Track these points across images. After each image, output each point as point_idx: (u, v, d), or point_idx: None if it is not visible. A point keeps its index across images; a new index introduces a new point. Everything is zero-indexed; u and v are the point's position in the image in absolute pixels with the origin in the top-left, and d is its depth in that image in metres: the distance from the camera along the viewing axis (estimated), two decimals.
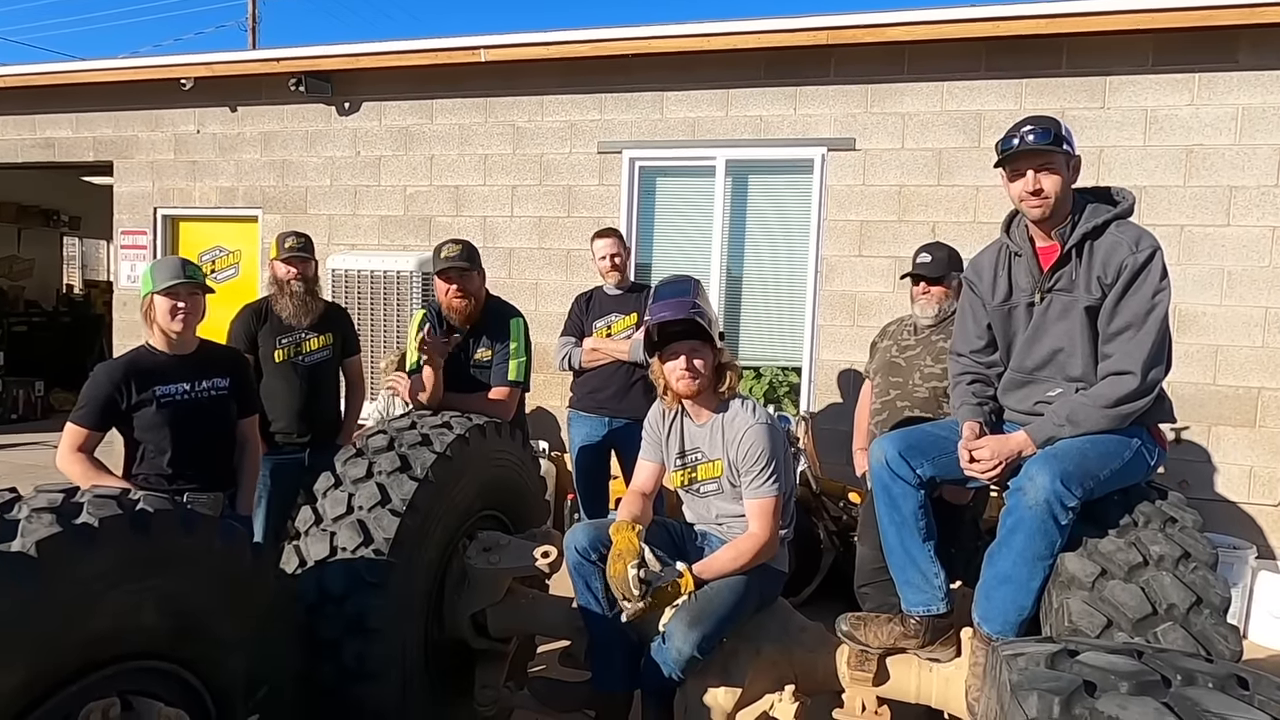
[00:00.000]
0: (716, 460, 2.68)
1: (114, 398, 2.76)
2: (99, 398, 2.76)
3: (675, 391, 2.66)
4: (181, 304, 2.81)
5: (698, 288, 2.71)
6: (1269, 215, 4.98)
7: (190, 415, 2.85)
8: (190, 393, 2.87)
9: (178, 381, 2.84)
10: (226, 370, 2.99)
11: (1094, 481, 2.14)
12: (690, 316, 2.57)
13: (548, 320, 5.56)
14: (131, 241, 7.69)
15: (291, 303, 3.68)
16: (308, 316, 3.71)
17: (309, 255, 3.73)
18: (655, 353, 2.66)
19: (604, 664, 2.70)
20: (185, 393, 2.85)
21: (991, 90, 5.41)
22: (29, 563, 1.59)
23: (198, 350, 2.94)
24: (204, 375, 2.91)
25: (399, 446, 2.73)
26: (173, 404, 2.83)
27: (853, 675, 2.57)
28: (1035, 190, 2.24)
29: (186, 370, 2.88)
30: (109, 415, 2.77)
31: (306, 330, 3.73)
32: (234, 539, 2.06)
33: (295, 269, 3.69)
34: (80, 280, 14.14)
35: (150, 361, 2.84)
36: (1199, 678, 1.22)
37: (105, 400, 2.76)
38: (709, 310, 2.67)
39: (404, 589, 2.55)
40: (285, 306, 3.69)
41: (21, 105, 7.87)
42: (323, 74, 6.75)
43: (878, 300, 5.66)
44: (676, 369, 2.60)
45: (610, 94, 6.18)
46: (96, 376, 2.79)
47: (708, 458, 2.70)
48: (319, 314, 3.75)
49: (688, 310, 2.58)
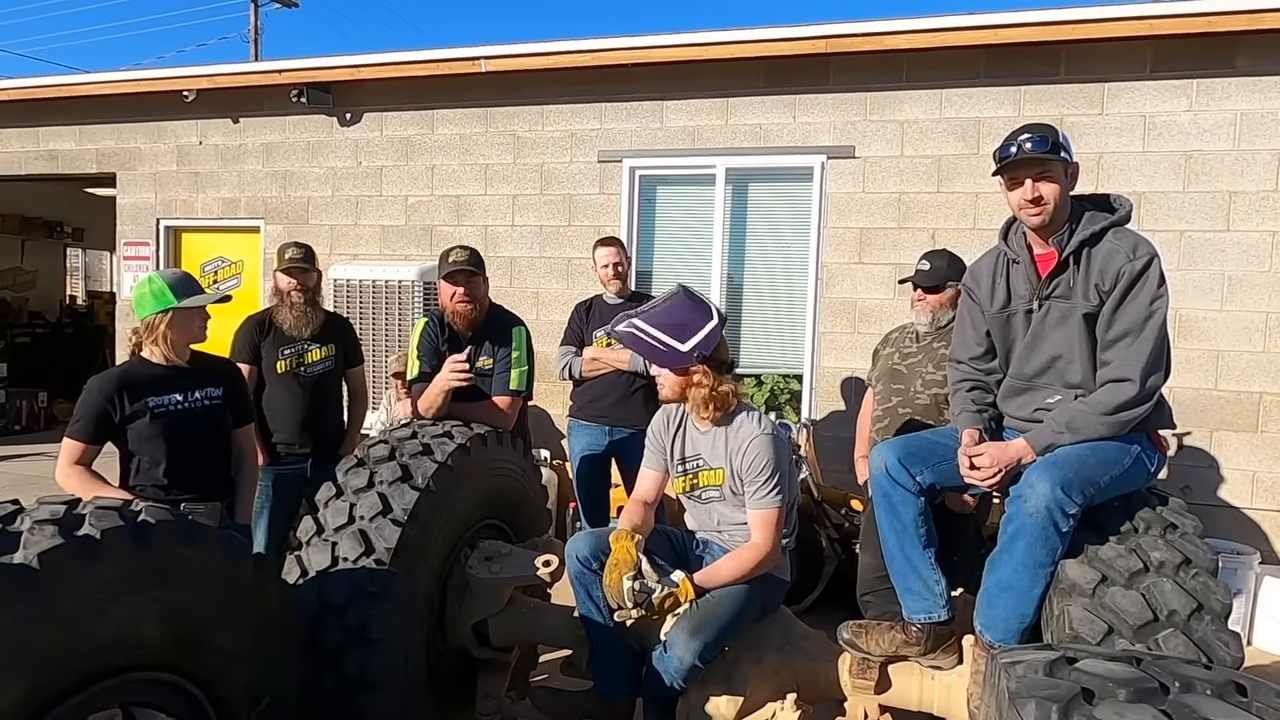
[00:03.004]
0: (718, 469, 2.68)
1: (107, 410, 2.76)
2: (93, 411, 2.75)
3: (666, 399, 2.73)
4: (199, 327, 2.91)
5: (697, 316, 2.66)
6: (1269, 220, 4.99)
7: (184, 426, 2.86)
8: (184, 403, 2.88)
9: (171, 392, 2.85)
10: (219, 380, 3.01)
11: (1094, 488, 2.14)
12: (667, 368, 2.64)
13: (549, 329, 5.57)
14: (135, 253, 7.73)
15: (292, 314, 3.70)
16: (309, 327, 3.72)
17: (310, 266, 3.74)
18: None
19: (605, 672, 2.70)
20: (179, 403, 2.86)
21: (990, 97, 5.43)
22: (31, 575, 1.60)
23: (190, 361, 2.95)
24: (197, 386, 2.92)
25: (400, 456, 2.74)
26: (166, 415, 2.83)
27: (855, 683, 2.57)
28: (1034, 198, 2.25)
29: (180, 381, 2.89)
30: (104, 428, 2.77)
31: (309, 341, 3.74)
32: (235, 549, 2.07)
33: (296, 280, 3.70)
34: (83, 291, 14.17)
35: (143, 373, 2.85)
36: (1197, 685, 1.22)
37: (99, 413, 2.75)
38: (705, 347, 2.60)
39: (406, 599, 2.56)
40: (286, 318, 3.70)
41: (25, 118, 7.92)
42: (324, 85, 6.79)
43: (878, 307, 5.67)
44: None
45: (610, 103, 6.21)
46: (90, 390, 2.78)
47: (709, 465, 2.71)
48: (320, 325, 3.76)
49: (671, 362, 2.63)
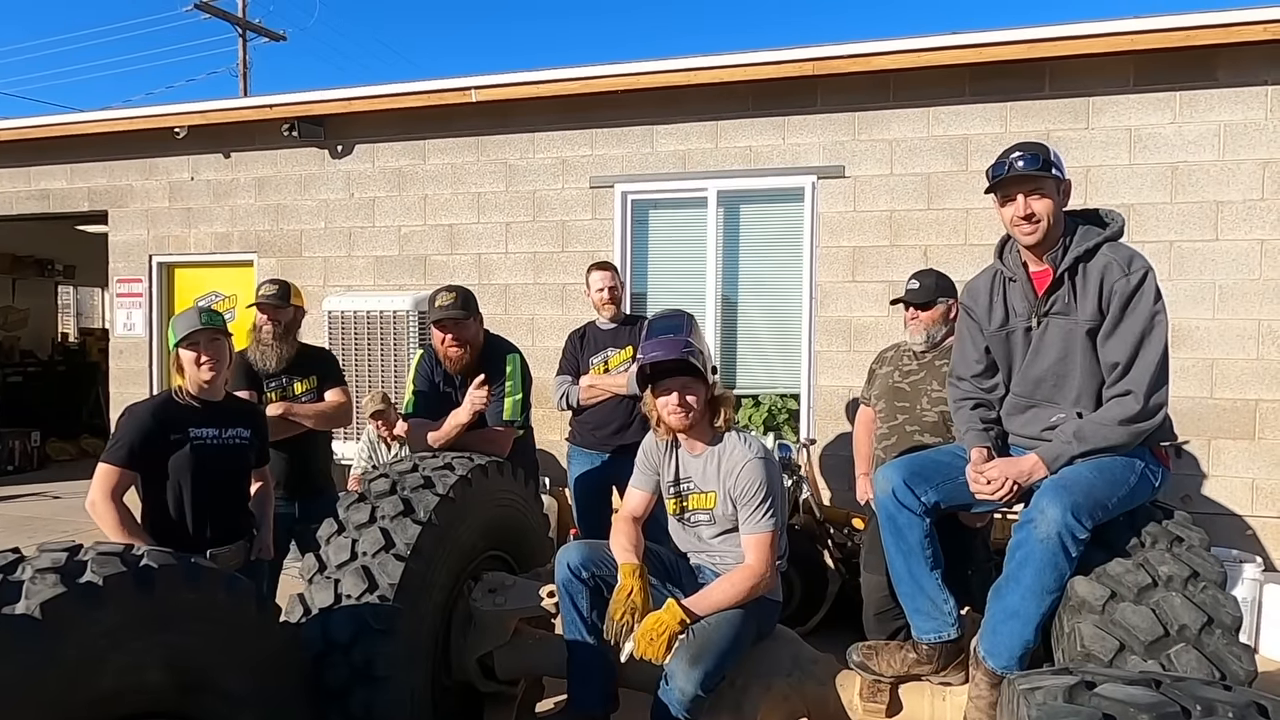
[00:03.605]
0: (709, 492, 2.69)
1: (151, 435, 2.77)
2: (138, 433, 2.76)
3: (668, 425, 2.68)
4: (206, 355, 2.86)
5: (691, 324, 2.75)
6: (1256, 229, 5.03)
7: (218, 460, 2.90)
8: (219, 438, 2.92)
9: (207, 426, 2.89)
10: (248, 422, 3.05)
11: (1103, 511, 2.14)
12: (683, 356, 2.59)
13: (544, 355, 5.56)
14: (127, 289, 7.71)
15: (259, 347, 3.71)
16: (275, 361, 3.70)
17: (282, 303, 3.73)
18: (647, 387, 2.68)
19: (582, 684, 2.69)
20: (214, 437, 2.90)
21: (977, 114, 5.48)
22: (34, 625, 1.58)
23: (223, 400, 3.00)
24: (229, 424, 2.97)
25: (402, 490, 2.72)
26: (204, 447, 2.86)
27: (865, 707, 2.54)
28: (1027, 215, 2.27)
29: (214, 416, 2.93)
30: (145, 453, 2.77)
31: (290, 375, 3.74)
32: (239, 591, 2.04)
33: (268, 315, 3.72)
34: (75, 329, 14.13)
35: (181, 405, 2.89)
36: (1219, 708, 1.21)
37: (144, 437, 2.76)
38: (702, 346, 2.70)
39: (411, 634, 2.53)
40: (254, 351, 3.72)
41: (16, 158, 7.92)
42: (315, 118, 6.82)
43: (873, 325, 5.69)
44: (669, 404, 2.62)
45: (601, 129, 6.25)
46: (135, 413, 2.81)
47: (699, 489, 2.71)
48: (291, 358, 3.74)
49: (680, 350, 2.61)
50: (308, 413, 3.70)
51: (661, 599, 2.53)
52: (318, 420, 3.72)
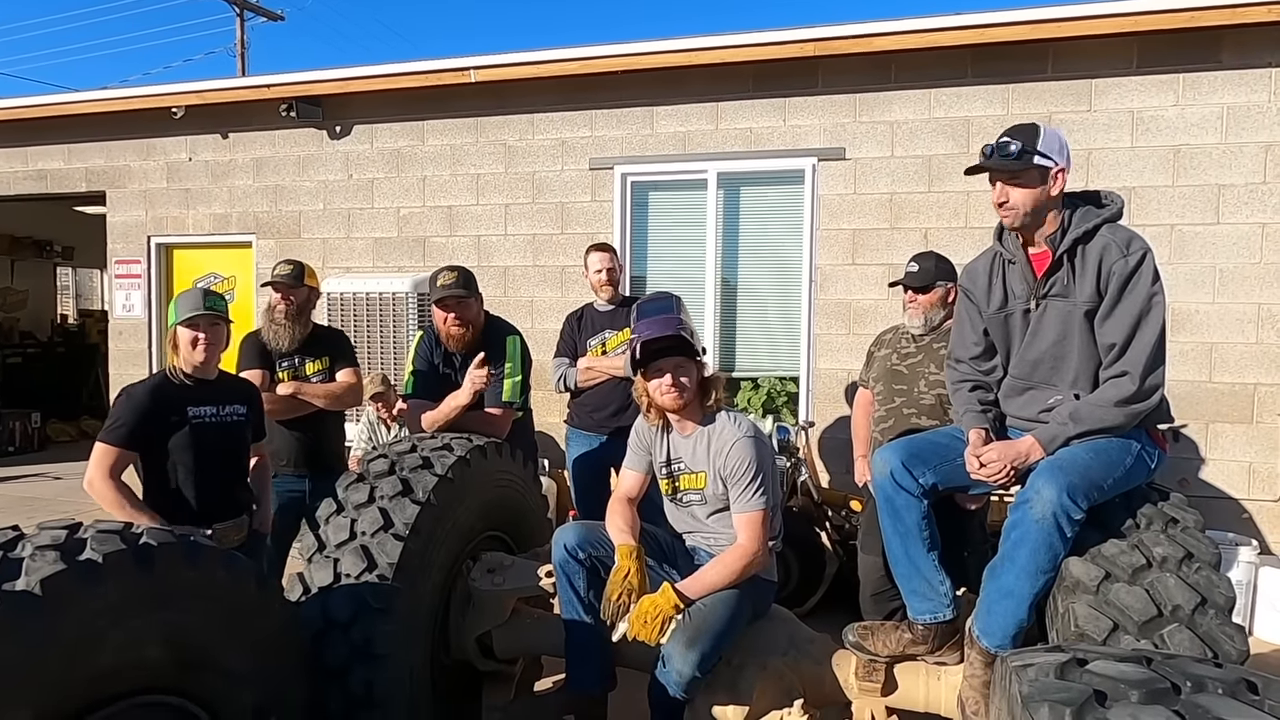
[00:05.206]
0: (700, 473, 2.70)
1: (149, 416, 2.81)
2: (136, 413, 2.80)
3: (661, 406, 2.69)
4: (202, 335, 2.90)
5: (679, 304, 2.75)
6: (1258, 212, 5.02)
7: (217, 438, 2.95)
8: (216, 415, 2.97)
9: (205, 404, 2.94)
10: (244, 399, 3.10)
11: (1099, 492, 2.15)
12: (676, 333, 2.60)
13: (544, 337, 5.56)
14: (126, 270, 7.70)
15: (272, 327, 3.74)
16: (287, 340, 3.72)
17: (295, 282, 3.75)
18: (640, 370, 2.68)
19: (580, 664, 2.71)
20: (212, 415, 2.96)
21: (979, 96, 5.45)
22: (34, 601, 1.59)
23: (218, 379, 3.04)
24: (226, 401, 3.02)
25: (400, 470, 2.72)
26: (202, 425, 2.91)
27: (861, 686, 2.56)
28: (1000, 202, 2.28)
29: (211, 394, 2.98)
30: (144, 432, 2.80)
31: (302, 355, 3.76)
32: (238, 569, 2.06)
33: (281, 294, 3.74)
34: (74, 310, 14.12)
35: (177, 385, 2.93)
36: (1209, 684, 1.22)
37: (142, 417, 2.80)
38: (692, 326, 2.71)
39: (409, 613, 2.54)
40: (268, 330, 3.75)
41: (13, 138, 7.89)
42: (313, 99, 6.78)
43: (872, 308, 5.68)
44: (662, 385, 2.62)
45: (600, 110, 6.21)
46: (132, 394, 2.84)
47: (690, 469, 2.72)
48: (304, 338, 3.77)
49: (674, 328, 2.61)
50: (318, 393, 3.71)
51: (658, 580, 2.55)
52: (328, 400, 3.74)
